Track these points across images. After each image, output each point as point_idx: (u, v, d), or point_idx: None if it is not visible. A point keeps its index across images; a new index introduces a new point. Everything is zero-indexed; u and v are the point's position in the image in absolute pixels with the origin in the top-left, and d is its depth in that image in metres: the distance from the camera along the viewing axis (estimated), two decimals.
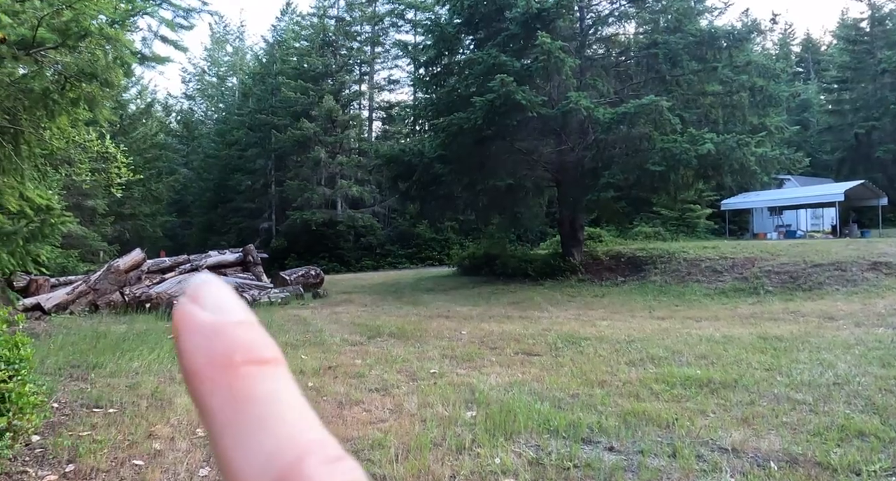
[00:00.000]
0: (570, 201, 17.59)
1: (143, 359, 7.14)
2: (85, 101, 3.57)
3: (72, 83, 3.38)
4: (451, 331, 9.34)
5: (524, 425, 4.54)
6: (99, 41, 3.24)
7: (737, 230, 33.93)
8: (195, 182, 44.96)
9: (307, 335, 9.22)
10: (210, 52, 57.65)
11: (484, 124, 15.09)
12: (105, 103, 3.82)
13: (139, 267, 14.54)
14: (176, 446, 4.29)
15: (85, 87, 3.44)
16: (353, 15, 40.29)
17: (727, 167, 14.65)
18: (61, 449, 4.16)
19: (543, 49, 14.25)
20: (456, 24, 18.88)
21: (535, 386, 5.76)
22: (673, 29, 16.89)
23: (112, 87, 3.56)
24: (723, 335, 8.36)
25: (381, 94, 42.99)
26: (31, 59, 3.13)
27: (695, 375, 5.91)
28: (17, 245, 5.14)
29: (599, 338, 8.32)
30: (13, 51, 2.96)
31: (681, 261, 16.27)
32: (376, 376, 6.30)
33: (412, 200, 21.38)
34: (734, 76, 16.43)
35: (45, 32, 2.98)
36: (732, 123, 17.36)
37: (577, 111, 14.49)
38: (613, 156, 15.98)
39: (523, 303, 13.71)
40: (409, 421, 4.72)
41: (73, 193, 21.95)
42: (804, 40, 59.51)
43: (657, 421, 4.66)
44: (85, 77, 3.35)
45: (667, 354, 7.05)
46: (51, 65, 3.36)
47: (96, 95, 3.56)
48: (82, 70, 3.32)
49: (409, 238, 34.84)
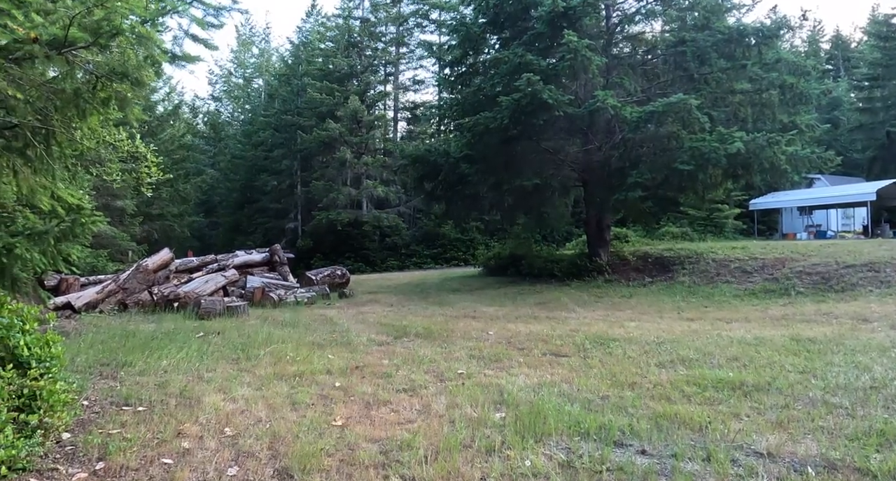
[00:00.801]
0: (597, 201, 17.43)
1: (172, 358, 7.17)
2: (116, 100, 3.58)
3: (103, 83, 3.38)
4: (478, 332, 9.28)
5: (554, 427, 4.47)
6: (130, 40, 3.24)
7: (765, 230, 33.43)
8: (222, 182, 45.42)
9: (334, 334, 9.22)
10: (236, 53, 58.23)
11: (510, 124, 15.00)
12: (135, 103, 3.82)
13: (167, 266, 14.67)
14: (205, 445, 4.29)
15: (116, 87, 3.44)
16: (378, 16, 40.42)
17: (757, 166, 14.40)
18: (91, 447, 4.17)
19: (570, 47, 14.13)
20: (481, 23, 18.81)
21: (564, 387, 5.68)
22: (701, 26, 16.66)
23: (143, 86, 3.56)
24: (754, 337, 8.20)
25: (406, 94, 43.18)
26: (62, 59, 3.14)
27: (727, 377, 5.79)
28: (49, 244, 5.18)
29: (628, 339, 8.20)
30: (45, 50, 2.97)
31: (709, 262, 16.05)
32: (404, 376, 6.26)
33: (437, 200, 21.34)
34: (764, 74, 16.16)
35: (76, 32, 2.98)
36: (762, 122, 17.10)
37: (604, 110, 14.35)
38: (641, 156, 15.80)
39: (550, 304, 13.60)
40: (438, 422, 4.67)
41: (102, 194, 22.24)
42: (833, 37, 58.48)
43: (690, 424, 4.56)
44: (116, 76, 3.35)
45: (697, 356, 6.93)
46: (82, 64, 3.37)
47: (127, 95, 3.56)
48: (113, 69, 3.33)
49: (435, 238, 34.83)
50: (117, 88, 3.49)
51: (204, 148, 49.18)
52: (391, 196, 34.97)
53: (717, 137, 14.21)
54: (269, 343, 8.29)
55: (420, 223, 36.74)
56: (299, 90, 38.43)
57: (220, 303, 11.72)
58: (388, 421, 4.77)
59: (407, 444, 4.18)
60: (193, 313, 11.73)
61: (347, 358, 7.25)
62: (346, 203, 34.24)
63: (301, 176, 37.63)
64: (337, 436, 4.41)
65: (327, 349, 7.94)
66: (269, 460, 4.00)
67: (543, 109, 14.61)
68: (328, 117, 33.87)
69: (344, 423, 4.71)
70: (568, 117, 15.18)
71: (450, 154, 18.40)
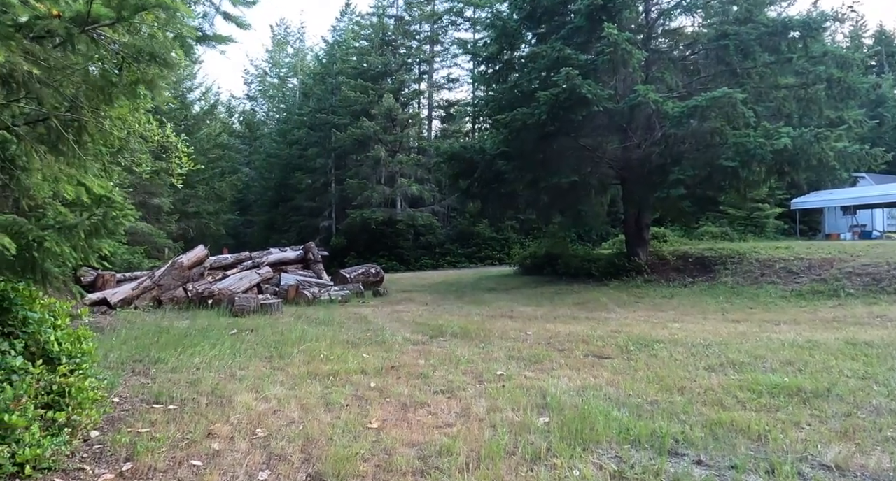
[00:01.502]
0: (636, 199, 17.03)
1: (205, 355, 7.08)
2: (143, 83, 3.42)
3: (129, 63, 3.22)
4: (516, 332, 9.00)
5: (602, 434, 4.20)
6: (157, 16, 3.07)
7: (807, 230, 32.51)
8: (257, 181, 45.81)
9: (368, 333, 9.04)
10: (271, 53, 58.68)
11: (548, 119, 14.68)
12: (164, 86, 3.66)
13: (202, 263, 14.67)
14: (235, 446, 4.12)
15: (143, 69, 3.28)
16: (412, 13, 40.30)
17: (804, 163, 13.87)
18: (119, 447, 4.04)
19: (610, 41, 13.76)
20: (517, 18, 18.54)
21: (609, 390, 5.40)
22: (743, 19, 16.14)
23: (171, 67, 3.40)
24: (806, 340, 7.81)
25: (440, 92, 42.91)
26: (87, 38, 2.98)
27: (782, 383, 5.46)
28: (79, 238, 5.05)
29: (673, 340, 7.87)
30: (68, 26, 2.80)
31: (752, 262, 15.53)
32: (441, 377, 6.03)
33: (473, 198, 21.10)
34: (811, 67, 15.59)
35: (99, 7, 2.82)
36: (808, 117, 16.51)
37: (645, 105, 13.94)
38: (683, 152, 15.34)
39: (588, 304, 13.27)
40: (478, 427, 4.43)
41: (139, 191, 22.49)
42: (877, 32, 56.69)
43: (747, 432, 4.27)
44: (143, 57, 3.19)
45: (748, 359, 6.58)
46: (108, 44, 3.20)
47: (155, 77, 3.40)
48: (140, 50, 3.16)
49: (469, 237, 34.58)
50: (145, 70, 3.32)
51: (240, 147, 49.64)
52: (425, 194, 34.78)
53: (763, 133, 13.72)
54: (302, 341, 8.15)
55: (454, 222, 36.53)
56: (334, 88, 38.49)
57: (254, 301, 11.64)
58: (426, 424, 4.54)
59: (446, 450, 3.95)
60: (227, 310, 11.67)
61: (382, 357, 7.05)
62: (381, 201, 34.17)
63: (335, 174, 37.67)
64: (372, 440, 4.21)
65: (362, 348, 7.75)
66: (301, 464, 3.81)
67: (582, 104, 14.26)
68: (362, 115, 33.82)
69: (380, 426, 4.51)
70: (607, 113, 14.81)
71: (486, 151, 18.13)
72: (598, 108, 14.31)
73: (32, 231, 4.79)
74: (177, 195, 27.55)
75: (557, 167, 16.85)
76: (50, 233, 4.77)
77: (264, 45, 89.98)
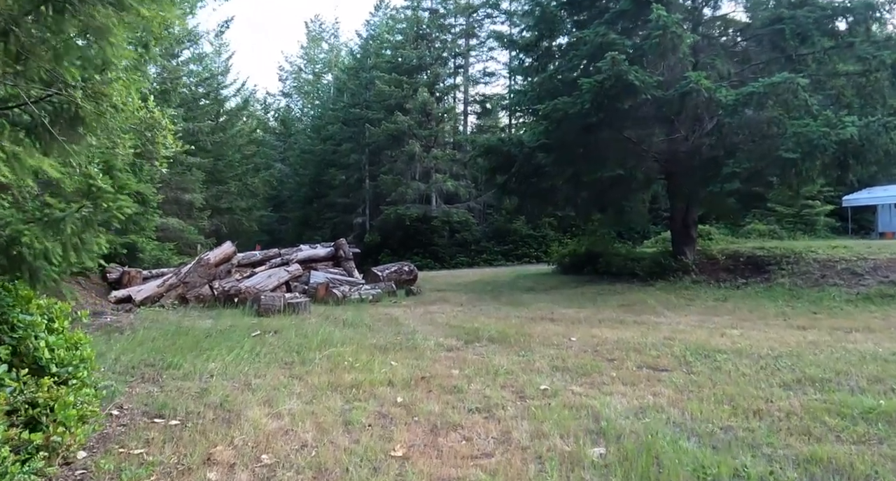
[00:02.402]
0: (684, 194, 16.06)
1: (221, 360, 6.56)
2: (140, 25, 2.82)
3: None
4: (559, 337, 8.23)
5: (673, 472, 3.47)
6: None
7: (858, 229, 30.99)
8: (291, 177, 45.64)
9: (398, 337, 8.38)
10: (306, 50, 58.45)
11: (591, 109, 13.77)
12: (156, 23, 3.07)
13: (229, 260, 14.22)
14: (235, 476, 3.51)
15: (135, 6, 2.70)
16: (447, 6, 39.53)
17: (872, 155, 12.81)
18: (102, 474, 3.46)
19: (658, 23, 12.85)
20: (557, 3, 17.70)
21: (673, 413, 4.63)
22: (798, 3, 15.07)
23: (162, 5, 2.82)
24: (890, 351, 6.93)
25: (476, 87, 41.96)
26: None
27: (877, 406, 4.65)
28: (70, 233, 4.49)
29: (736, 350, 7.04)
30: None
31: (810, 262, 14.47)
32: (476, 391, 5.32)
33: (510, 194, 20.25)
34: (874, 52, 14.46)
35: None
36: (871, 106, 15.34)
37: (696, 92, 12.96)
38: (738, 143, 14.34)
39: (635, 306, 12.41)
40: (521, 458, 3.73)
41: (172, 187, 22.24)
42: None
43: (851, 474, 3.51)
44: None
45: (829, 375, 5.75)
46: None
47: (151, 18, 2.82)
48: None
49: (506, 234, 33.77)
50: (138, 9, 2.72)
51: (274, 143, 49.52)
52: (461, 191, 34.01)
53: (825, 122, 12.69)
54: (327, 345, 7.54)
55: (490, 219, 35.76)
56: (367, 83, 37.95)
57: (281, 300, 11.08)
58: (459, 453, 3.86)
59: None
60: (253, 309, 11.15)
61: (412, 365, 6.38)
62: (415, 198, 33.53)
63: (369, 170, 37.15)
64: (395, 473, 3.55)
65: (390, 354, 7.10)
66: None
67: (628, 92, 13.36)
68: (397, 110, 33.22)
69: (405, 454, 3.85)
70: (654, 101, 13.86)
71: (524, 143, 17.29)
72: (645, 96, 13.40)
73: (12, 224, 4.24)
74: (209, 191, 27.31)
75: (600, 160, 15.94)
76: (31, 227, 4.22)
77: (299, 42, 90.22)
